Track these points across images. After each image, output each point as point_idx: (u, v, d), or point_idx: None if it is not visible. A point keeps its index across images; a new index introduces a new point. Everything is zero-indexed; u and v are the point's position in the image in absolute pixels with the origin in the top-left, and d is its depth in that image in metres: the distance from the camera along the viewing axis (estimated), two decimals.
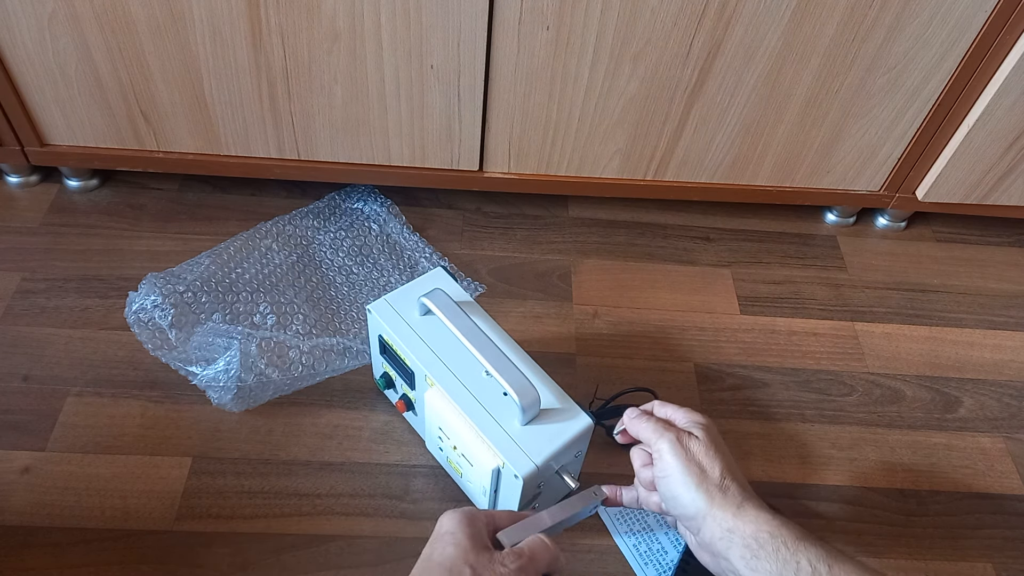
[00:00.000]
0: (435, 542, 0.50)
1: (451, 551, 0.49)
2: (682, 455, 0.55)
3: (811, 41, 0.78)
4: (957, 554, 0.73)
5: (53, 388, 0.76)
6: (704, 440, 0.56)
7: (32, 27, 0.75)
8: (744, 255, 0.98)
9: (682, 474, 0.54)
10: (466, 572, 0.48)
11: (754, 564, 0.49)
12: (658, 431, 0.57)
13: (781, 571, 0.48)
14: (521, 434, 0.61)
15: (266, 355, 0.74)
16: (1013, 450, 0.81)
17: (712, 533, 0.52)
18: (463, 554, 0.48)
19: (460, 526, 0.50)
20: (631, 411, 0.62)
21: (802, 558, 0.48)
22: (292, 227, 0.92)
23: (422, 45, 0.77)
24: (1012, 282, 0.99)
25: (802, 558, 0.48)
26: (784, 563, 0.48)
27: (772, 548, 0.49)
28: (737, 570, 0.50)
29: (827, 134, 0.88)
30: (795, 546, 0.48)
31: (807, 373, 0.86)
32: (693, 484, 0.53)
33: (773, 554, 0.48)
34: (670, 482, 0.55)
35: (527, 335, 0.86)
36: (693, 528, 0.54)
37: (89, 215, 0.92)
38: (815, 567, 0.47)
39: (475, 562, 0.48)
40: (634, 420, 0.61)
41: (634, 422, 0.60)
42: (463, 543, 0.49)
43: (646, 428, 0.59)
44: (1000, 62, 0.80)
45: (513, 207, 1.00)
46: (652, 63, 0.79)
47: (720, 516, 0.51)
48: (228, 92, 0.81)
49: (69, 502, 0.68)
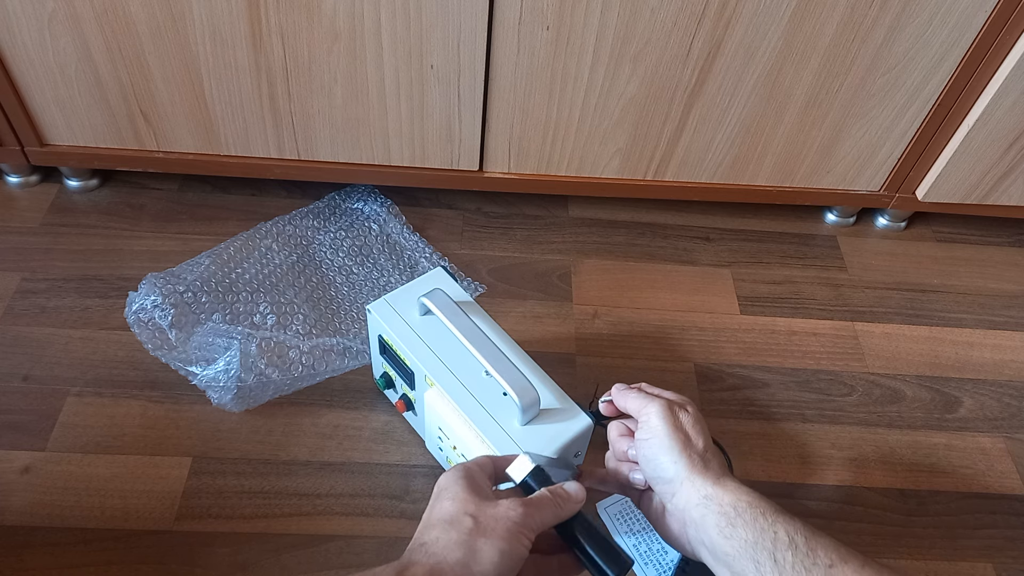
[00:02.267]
0: (434, 502, 0.49)
1: (449, 505, 0.47)
2: (670, 420, 0.54)
3: (811, 41, 0.78)
4: (957, 554, 0.73)
5: (53, 388, 0.76)
6: (693, 414, 0.55)
7: (32, 27, 0.75)
8: (744, 255, 0.98)
9: (667, 437, 0.53)
10: (468, 522, 0.46)
11: (729, 532, 0.48)
12: (648, 398, 0.56)
13: (757, 539, 0.47)
14: (521, 434, 0.61)
15: (266, 355, 0.74)
16: (1013, 450, 0.81)
17: (688, 499, 0.51)
18: (463, 505, 0.47)
19: (456, 481, 0.49)
20: (620, 385, 0.60)
21: (779, 528, 0.47)
22: (292, 227, 0.92)
23: (422, 45, 0.77)
24: (1012, 282, 0.99)
25: (779, 528, 0.47)
26: (761, 532, 0.47)
27: (750, 516, 0.48)
28: (711, 538, 0.49)
29: (827, 134, 0.88)
30: (773, 517, 0.48)
31: (807, 373, 0.86)
32: (677, 448, 0.52)
33: (751, 522, 0.48)
34: (652, 444, 0.54)
35: (527, 335, 0.86)
36: (667, 493, 0.53)
37: (89, 215, 0.92)
38: (792, 538, 0.47)
39: (476, 511, 0.47)
40: (623, 392, 0.59)
41: (622, 394, 0.59)
42: (461, 495, 0.48)
43: (635, 398, 0.57)
44: (1000, 62, 0.80)
45: (513, 207, 1.00)
46: (652, 63, 0.79)
47: (700, 482, 0.51)
48: (228, 92, 0.81)
49: (69, 502, 0.68)
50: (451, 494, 0.48)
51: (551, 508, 0.50)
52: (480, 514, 0.46)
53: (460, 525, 0.46)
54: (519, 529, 0.46)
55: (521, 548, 0.46)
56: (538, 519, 0.48)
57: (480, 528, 0.46)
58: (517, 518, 0.47)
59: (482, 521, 0.46)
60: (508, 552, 0.45)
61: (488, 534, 0.45)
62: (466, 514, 0.46)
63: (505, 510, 0.47)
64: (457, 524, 0.46)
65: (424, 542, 0.46)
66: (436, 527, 0.46)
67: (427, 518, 0.48)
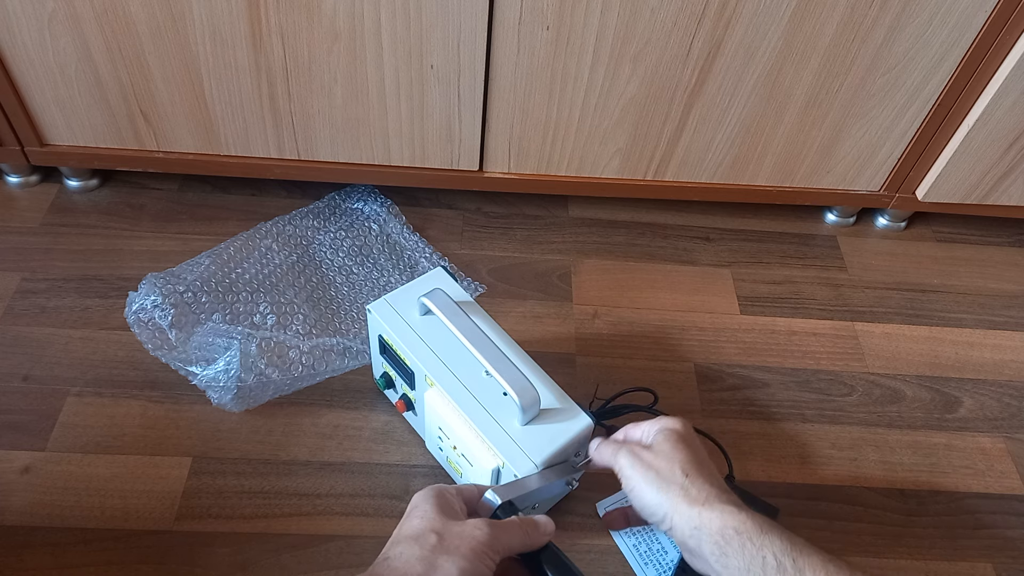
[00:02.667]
0: (404, 519, 0.50)
1: (417, 523, 0.48)
2: (639, 465, 0.55)
3: (811, 41, 0.78)
4: (957, 554, 0.73)
5: (53, 388, 0.76)
6: (659, 446, 0.56)
7: (32, 27, 0.75)
8: (744, 255, 0.98)
9: (642, 482, 0.55)
10: (432, 538, 0.47)
11: (724, 561, 0.49)
12: (613, 451, 0.58)
13: (749, 566, 0.48)
14: (521, 434, 0.61)
15: (266, 355, 0.74)
16: (1013, 450, 0.81)
17: (682, 531, 0.52)
18: (430, 523, 0.48)
19: (428, 499, 0.50)
20: (595, 441, 0.62)
21: (767, 552, 0.48)
22: (292, 227, 0.92)
23: (422, 45, 0.77)
24: (1012, 282, 0.99)
25: (767, 552, 0.48)
26: (751, 559, 0.48)
27: (738, 544, 0.49)
28: (710, 565, 0.51)
29: (827, 134, 0.88)
30: (760, 540, 0.49)
31: (807, 373, 0.86)
32: (654, 489, 0.54)
33: (740, 550, 0.49)
34: (635, 494, 0.55)
35: (527, 335, 0.86)
36: (665, 529, 0.54)
37: (89, 215, 0.92)
38: (780, 561, 0.47)
39: (442, 529, 0.47)
40: (596, 451, 0.61)
41: (597, 452, 0.61)
42: (429, 514, 0.49)
43: (605, 453, 0.59)
44: (1000, 62, 0.80)
45: (513, 207, 1.00)
46: (652, 63, 0.79)
47: (686, 514, 0.52)
48: (228, 92, 0.81)
49: (69, 502, 0.68)
50: (421, 512, 0.49)
51: (519, 534, 0.50)
52: (445, 532, 0.47)
53: (424, 541, 0.46)
54: (483, 549, 0.47)
55: (483, 568, 0.46)
56: (504, 542, 0.49)
57: (443, 545, 0.46)
58: (483, 538, 0.47)
59: (446, 539, 0.47)
60: (469, 571, 0.45)
61: (451, 552, 0.46)
62: (432, 531, 0.47)
63: (471, 529, 0.48)
64: (422, 540, 0.47)
65: (388, 556, 0.47)
66: (402, 543, 0.47)
67: (396, 534, 0.49)
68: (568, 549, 0.69)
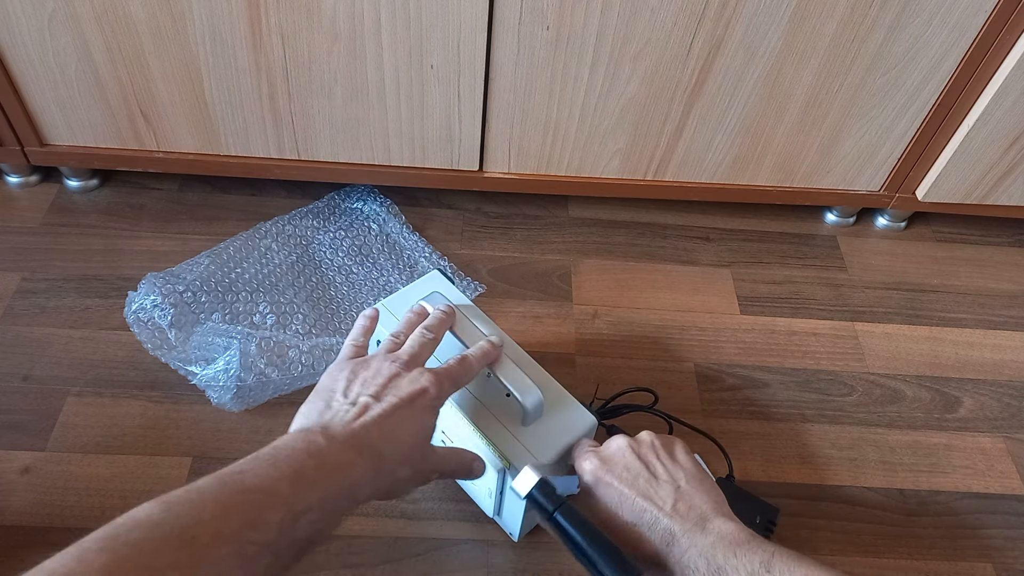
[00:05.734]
0: None
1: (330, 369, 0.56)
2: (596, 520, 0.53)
3: (811, 41, 0.78)
4: (957, 554, 0.73)
5: (53, 388, 0.76)
6: (598, 496, 0.54)
7: (32, 27, 0.75)
8: (744, 255, 0.98)
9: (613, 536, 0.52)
10: (345, 370, 0.54)
11: None
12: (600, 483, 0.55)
13: None
14: (526, 435, 0.61)
15: (266, 355, 0.74)
16: (1013, 450, 0.81)
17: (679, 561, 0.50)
18: (338, 363, 0.55)
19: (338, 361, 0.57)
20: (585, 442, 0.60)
21: (754, 569, 0.47)
22: (292, 227, 0.92)
23: (422, 45, 0.77)
24: (1012, 282, 0.99)
25: (754, 569, 0.47)
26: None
27: (723, 560, 0.48)
28: None
29: (827, 134, 0.88)
30: (748, 558, 0.47)
31: (807, 373, 0.86)
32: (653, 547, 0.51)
33: (725, 568, 0.47)
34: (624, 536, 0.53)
35: (527, 335, 0.86)
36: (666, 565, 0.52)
37: (89, 215, 0.92)
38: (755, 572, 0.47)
39: (354, 364, 0.54)
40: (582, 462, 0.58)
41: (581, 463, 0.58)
42: (338, 362, 0.56)
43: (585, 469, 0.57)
44: (1000, 62, 0.80)
45: (513, 207, 1.00)
46: (652, 63, 0.79)
47: (667, 562, 0.50)
48: (228, 92, 0.81)
49: (69, 502, 0.68)
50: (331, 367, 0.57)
51: (457, 370, 0.57)
52: (357, 365, 0.56)
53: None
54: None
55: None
56: (443, 384, 0.55)
57: None
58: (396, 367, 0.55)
59: (357, 372, 0.55)
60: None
61: None
62: (341, 369, 0.56)
63: (382, 361, 0.55)
64: (333, 378, 0.55)
65: None
66: (316, 394, 0.55)
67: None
68: (561, 548, 0.69)
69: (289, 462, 0.45)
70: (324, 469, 0.46)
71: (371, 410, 0.50)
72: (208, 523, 0.40)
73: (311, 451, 0.46)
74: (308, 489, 0.44)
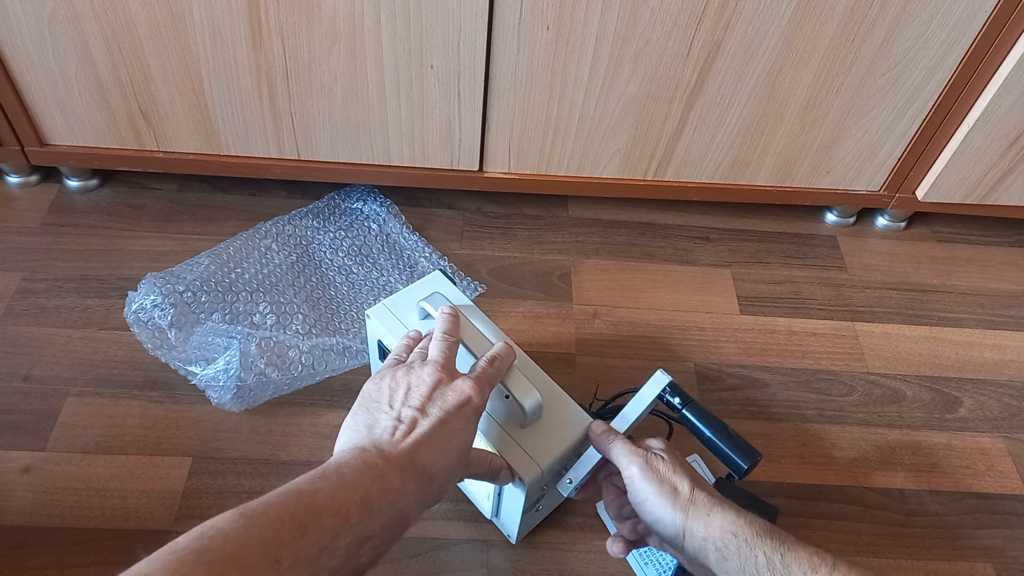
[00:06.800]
0: None
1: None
2: (654, 478, 0.55)
3: (811, 41, 0.78)
4: (957, 554, 0.73)
5: (53, 388, 0.76)
6: (670, 460, 0.57)
7: (32, 27, 0.75)
8: (744, 255, 0.98)
9: (657, 496, 0.55)
10: (387, 377, 0.54)
11: (724, 566, 0.51)
12: (627, 456, 0.57)
13: (744, 566, 0.50)
14: (525, 437, 0.61)
15: (266, 355, 0.74)
16: (1013, 450, 0.81)
17: (692, 546, 0.53)
18: (380, 371, 0.56)
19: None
20: (597, 424, 0.61)
21: (759, 553, 0.50)
22: (292, 227, 0.92)
23: (422, 45, 0.77)
24: (1012, 282, 0.99)
25: (759, 553, 0.50)
26: (745, 559, 0.50)
27: (735, 547, 0.51)
28: (712, 571, 0.52)
29: (827, 134, 0.88)
30: (753, 542, 0.51)
31: (807, 373, 0.86)
32: (669, 504, 0.54)
33: (736, 552, 0.51)
34: (648, 507, 0.55)
35: (527, 335, 0.86)
36: (677, 545, 0.55)
37: (89, 215, 0.92)
38: (770, 559, 0.50)
39: (395, 372, 0.55)
40: (600, 436, 0.60)
41: (600, 438, 0.60)
42: (380, 370, 0.57)
43: (616, 449, 0.58)
44: (1000, 62, 0.80)
45: (513, 207, 1.00)
46: (652, 63, 0.79)
47: (695, 527, 0.53)
48: (228, 92, 0.81)
49: (69, 502, 0.68)
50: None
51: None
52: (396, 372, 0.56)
53: None
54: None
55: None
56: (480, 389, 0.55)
57: None
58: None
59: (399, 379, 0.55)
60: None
61: None
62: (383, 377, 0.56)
63: (417, 369, 0.55)
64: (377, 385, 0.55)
65: None
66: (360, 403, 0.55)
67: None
68: (568, 549, 0.69)
69: (356, 486, 0.45)
70: (386, 496, 0.46)
71: (420, 426, 0.51)
72: (289, 544, 0.41)
73: (373, 476, 0.47)
74: (373, 516, 0.45)
